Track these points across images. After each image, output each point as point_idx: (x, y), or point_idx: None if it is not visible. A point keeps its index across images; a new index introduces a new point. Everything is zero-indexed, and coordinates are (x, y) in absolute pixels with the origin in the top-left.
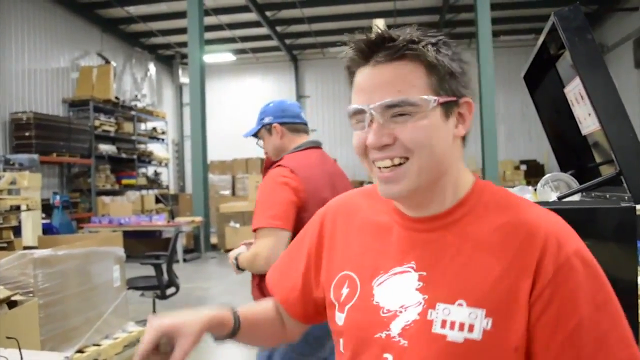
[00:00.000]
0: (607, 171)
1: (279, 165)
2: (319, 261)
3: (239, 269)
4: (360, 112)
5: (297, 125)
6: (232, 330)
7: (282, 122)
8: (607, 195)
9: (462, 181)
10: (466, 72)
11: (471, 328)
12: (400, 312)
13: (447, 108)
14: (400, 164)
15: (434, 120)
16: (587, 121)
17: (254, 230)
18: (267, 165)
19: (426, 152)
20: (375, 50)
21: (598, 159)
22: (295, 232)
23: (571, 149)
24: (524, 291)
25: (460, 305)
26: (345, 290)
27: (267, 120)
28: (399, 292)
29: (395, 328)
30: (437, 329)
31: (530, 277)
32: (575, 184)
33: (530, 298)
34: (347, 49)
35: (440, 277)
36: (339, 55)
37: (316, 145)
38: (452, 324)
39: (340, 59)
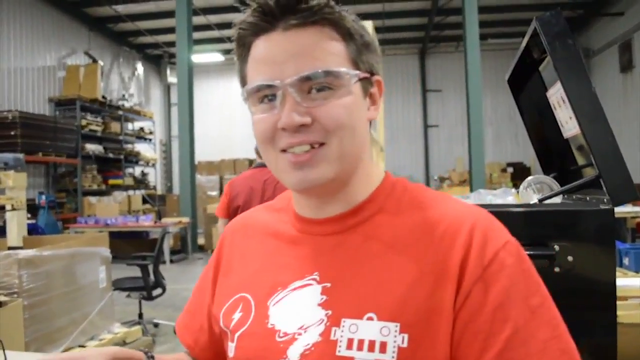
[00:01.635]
0: (588, 174)
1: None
2: (214, 290)
3: None
4: (267, 88)
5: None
6: None
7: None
8: (588, 198)
9: (373, 174)
10: (375, 47)
11: (383, 347)
12: (299, 334)
13: (364, 85)
14: (319, 146)
15: (356, 98)
16: (569, 125)
17: None
18: None
19: (348, 135)
20: (284, 12)
21: (580, 162)
22: None
23: (554, 152)
24: (446, 298)
25: (369, 319)
26: (237, 315)
27: None
28: (298, 311)
29: (293, 354)
30: (342, 350)
31: (453, 281)
32: (556, 187)
33: (455, 306)
34: (246, 12)
35: (346, 287)
36: (234, 22)
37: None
38: (360, 343)
39: (238, 28)
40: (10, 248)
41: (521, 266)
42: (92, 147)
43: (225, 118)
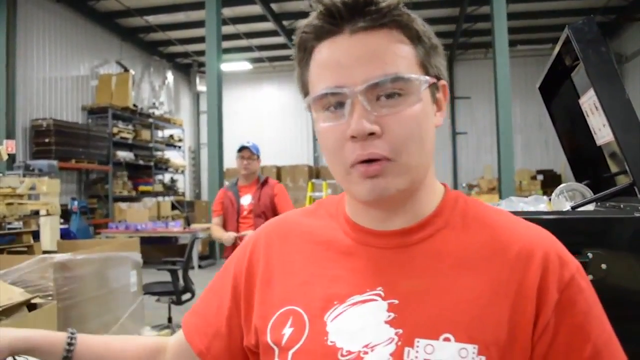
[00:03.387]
0: (622, 181)
1: (273, 182)
2: (250, 297)
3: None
4: (333, 96)
5: None
6: (61, 358)
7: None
8: (622, 205)
9: (435, 186)
10: (441, 51)
11: None
12: (365, 352)
13: (432, 91)
14: (388, 159)
15: (425, 105)
16: (602, 132)
17: None
18: (256, 181)
19: (416, 146)
20: (353, 15)
21: (613, 169)
22: None
23: (586, 159)
24: (524, 320)
25: (446, 340)
26: (288, 330)
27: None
28: (362, 327)
29: None
30: None
31: (531, 303)
32: (589, 194)
33: (535, 328)
34: (312, 15)
35: (418, 305)
36: (297, 26)
37: None
38: None
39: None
40: (44, 252)
41: (591, 289)
42: (123, 154)
43: (253, 125)
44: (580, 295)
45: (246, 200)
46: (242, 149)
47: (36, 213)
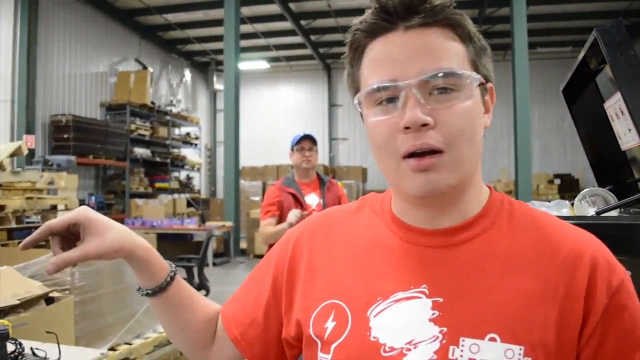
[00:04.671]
0: None
1: (333, 181)
2: (291, 291)
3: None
4: (386, 90)
5: None
6: (157, 285)
7: None
8: None
9: (482, 188)
10: (489, 52)
11: None
12: (409, 349)
13: (482, 92)
14: (440, 152)
15: (476, 103)
16: (627, 137)
17: None
18: (318, 178)
19: (467, 141)
20: (408, 12)
21: (637, 175)
22: None
23: (609, 164)
24: (572, 324)
25: (492, 340)
26: (330, 324)
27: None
28: (405, 324)
29: None
30: None
31: (579, 307)
32: (613, 200)
33: (582, 332)
34: (366, 13)
35: (463, 304)
36: (351, 24)
37: None
38: None
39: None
40: None
41: (637, 296)
42: (140, 151)
43: (269, 124)
44: (630, 301)
45: (312, 200)
46: (302, 139)
47: (54, 207)
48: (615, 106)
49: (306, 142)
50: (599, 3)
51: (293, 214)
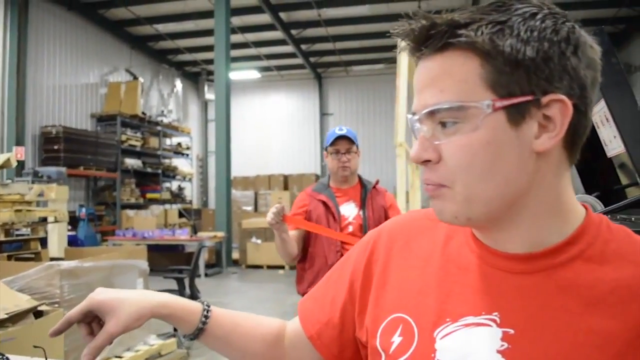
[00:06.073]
0: (633, 194)
1: (380, 187)
2: (365, 296)
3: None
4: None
5: None
6: (193, 330)
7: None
8: (633, 218)
9: (568, 211)
10: (558, 57)
11: None
12: None
13: (518, 111)
14: (442, 186)
15: (489, 133)
16: (613, 143)
17: None
18: (359, 184)
19: (475, 177)
20: (417, 43)
21: (624, 181)
22: None
23: (596, 171)
24: None
25: None
26: (397, 339)
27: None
28: (471, 352)
29: None
30: None
31: None
32: (600, 206)
33: None
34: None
35: (534, 340)
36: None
37: None
38: None
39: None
40: (52, 259)
41: None
42: (131, 162)
43: (261, 134)
44: None
45: (349, 210)
46: (337, 139)
47: (44, 220)
48: (600, 113)
49: (342, 142)
50: (586, 11)
51: (269, 214)
